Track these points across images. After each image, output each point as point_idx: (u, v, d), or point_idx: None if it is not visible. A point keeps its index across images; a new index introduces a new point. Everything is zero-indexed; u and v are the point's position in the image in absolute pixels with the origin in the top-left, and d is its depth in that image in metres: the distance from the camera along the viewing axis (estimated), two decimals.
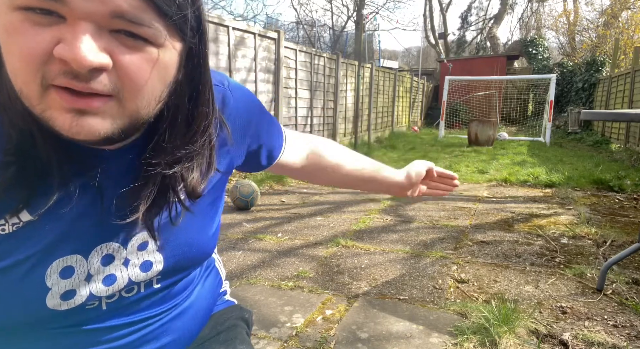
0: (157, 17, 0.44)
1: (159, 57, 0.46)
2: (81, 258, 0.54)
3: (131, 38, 0.44)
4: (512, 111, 15.86)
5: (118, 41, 0.43)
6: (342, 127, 8.89)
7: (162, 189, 0.55)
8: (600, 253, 2.82)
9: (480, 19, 25.44)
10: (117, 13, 0.41)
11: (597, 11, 19.66)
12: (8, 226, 0.50)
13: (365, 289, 2.31)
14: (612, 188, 4.88)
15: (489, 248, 2.97)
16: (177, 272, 0.64)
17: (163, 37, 0.45)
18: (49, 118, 0.44)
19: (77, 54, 0.40)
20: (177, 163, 0.54)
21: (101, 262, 0.56)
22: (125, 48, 0.44)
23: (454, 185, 1.10)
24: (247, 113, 0.72)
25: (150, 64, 0.46)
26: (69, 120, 0.44)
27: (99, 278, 0.56)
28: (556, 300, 2.16)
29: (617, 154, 7.83)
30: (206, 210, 0.66)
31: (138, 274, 0.59)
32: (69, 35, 0.41)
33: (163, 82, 0.49)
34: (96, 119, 0.45)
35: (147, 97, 0.47)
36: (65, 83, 0.42)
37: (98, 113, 0.44)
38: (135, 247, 0.58)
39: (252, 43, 5.56)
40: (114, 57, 0.43)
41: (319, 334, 1.84)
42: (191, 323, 0.71)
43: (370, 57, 19.79)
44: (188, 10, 0.46)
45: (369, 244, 3.05)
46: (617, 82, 10.24)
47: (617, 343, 1.77)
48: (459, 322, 1.93)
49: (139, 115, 0.48)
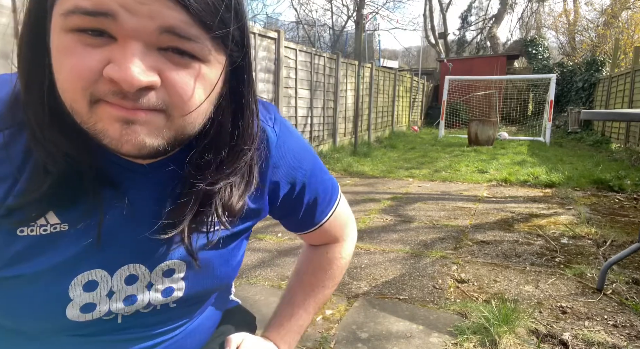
0: (202, 32, 0.44)
1: (205, 72, 0.47)
2: (106, 274, 0.55)
3: (178, 55, 0.44)
4: (512, 111, 15.85)
5: (166, 58, 0.44)
6: (342, 127, 8.89)
7: (203, 205, 0.55)
8: (600, 253, 2.82)
9: (480, 19, 25.44)
10: (165, 28, 0.42)
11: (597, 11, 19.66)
12: (37, 228, 0.51)
13: (365, 289, 2.31)
14: (612, 188, 4.88)
15: (489, 247, 2.97)
16: (195, 299, 0.64)
17: (208, 52, 0.46)
18: (100, 131, 0.45)
19: (127, 74, 0.41)
20: (220, 179, 0.54)
21: (125, 281, 0.56)
22: (173, 65, 0.44)
23: None
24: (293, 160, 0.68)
25: (196, 80, 0.46)
26: (119, 129, 0.44)
27: (120, 297, 0.56)
28: (556, 300, 2.16)
29: (617, 154, 7.83)
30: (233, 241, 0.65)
31: (158, 298, 0.59)
32: (119, 55, 0.42)
33: (209, 98, 0.49)
34: (144, 129, 0.45)
35: (194, 112, 0.48)
36: (114, 101, 0.43)
37: (145, 124, 0.45)
38: (161, 273, 0.58)
39: (252, 43, 5.56)
40: (162, 75, 0.44)
41: (319, 334, 1.84)
42: (204, 335, 0.72)
43: (370, 56, 19.79)
44: (231, 25, 0.46)
45: (369, 244, 3.05)
46: (617, 82, 10.23)
47: (617, 342, 1.77)
48: (459, 322, 1.93)
49: (185, 130, 0.49)
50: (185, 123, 0.48)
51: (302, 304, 0.79)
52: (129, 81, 0.41)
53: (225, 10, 0.45)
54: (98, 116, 0.44)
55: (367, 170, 6.26)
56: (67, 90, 0.44)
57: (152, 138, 0.46)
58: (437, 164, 6.91)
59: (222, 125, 0.54)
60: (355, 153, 7.80)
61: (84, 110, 0.44)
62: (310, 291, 0.80)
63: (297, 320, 0.78)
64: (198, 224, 0.56)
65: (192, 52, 0.45)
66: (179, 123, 0.47)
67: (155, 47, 0.43)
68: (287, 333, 0.77)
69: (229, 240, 0.63)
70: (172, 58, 0.44)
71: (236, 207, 0.57)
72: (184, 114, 0.47)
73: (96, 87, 0.43)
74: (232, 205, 0.56)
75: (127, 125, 0.44)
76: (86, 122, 0.45)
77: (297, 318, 0.78)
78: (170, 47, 0.44)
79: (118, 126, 0.44)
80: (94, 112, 0.44)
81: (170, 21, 0.42)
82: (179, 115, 0.47)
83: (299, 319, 0.78)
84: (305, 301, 0.79)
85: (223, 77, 0.50)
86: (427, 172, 6.15)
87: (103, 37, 0.42)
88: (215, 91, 0.50)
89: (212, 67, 0.47)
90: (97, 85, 0.43)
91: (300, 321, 0.78)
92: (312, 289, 0.80)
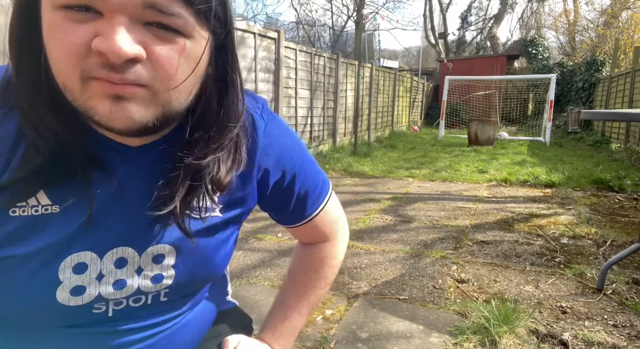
0: (185, 7, 0.46)
1: (190, 48, 0.48)
2: (96, 256, 0.55)
3: (163, 30, 0.46)
4: (512, 111, 15.85)
5: (151, 33, 0.46)
6: (342, 127, 8.89)
7: (193, 181, 0.56)
8: (600, 253, 2.82)
9: (480, 19, 25.44)
10: (148, 3, 0.44)
11: (597, 11, 19.66)
12: (28, 208, 0.52)
13: (365, 289, 2.31)
14: (612, 188, 4.88)
15: (489, 247, 2.97)
16: (186, 289, 0.64)
17: (192, 28, 0.47)
18: (90, 108, 0.46)
19: (114, 45, 0.43)
20: (208, 154, 0.56)
21: (114, 264, 0.57)
22: (157, 40, 0.46)
23: None
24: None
25: (181, 55, 0.48)
26: (109, 106, 0.46)
27: (110, 281, 0.56)
28: (556, 300, 2.16)
29: (617, 154, 7.83)
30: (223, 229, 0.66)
31: (147, 285, 0.59)
32: (106, 28, 0.43)
33: (194, 74, 0.50)
34: (132, 105, 0.47)
35: (179, 87, 0.49)
36: (103, 76, 0.45)
37: (133, 98, 0.47)
38: (150, 258, 0.59)
39: (252, 43, 5.56)
40: (147, 49, 0.46)
41: (319, 334, 1.84)
42: (197, 331, 0.72)
43: (370, 56, 19.79)
44: (213, 1, 0.48)
45: (369, 244, 3.06)
46: (617, 82, 10.24)
47: (617, 342, 1.77)
48: (459, 322, 1.93)
49: (172, 106, 0.50)
50: (172, 99, 0.49)
51: (295, 306, 0.79)
52: (115, 52, 0.43)
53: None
54: (89, 93, 0.46)
55: (367, 170, 6.26)
56: (59, 67, 0.46)
57: (141, 113, 0.48)
58: (437, 164, 6.91)
59: (208, 102, 0.55)
60: (355, 153, 7.80)
61: (75, 87, 0.46)
62: (303, 292, 0.80)
63: (291, 322, 0.78)
64: (189, 202, 0.57)
65: (176, 27, 0.46)
66: (165, 98, 0.49)
67: (141, 22, 0.45)
68: (282, 335, 0.77)
69: (220, 228, 0.64)
70: (157, 33, 0.46)
71: (224, 181, 0.58)
72: (170, 89, 0.48)
73: (86, 62, 0.44)
74: (220, 179, 0.58)
75: (116, 101, 0.46)
76: (77, 99, 0.46)
77: (291, 320, 0.78)
78: (154, 22, 0.45)
79: (108, 103, 0.46)
80: (85, 90, 0.45)
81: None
82: (164, 89, 0.48)
83: (292, 321, 0.78)
84: (299, 303, 0.79)
85: (207, 54, 0.51)
86: (427, 172, 6.15)
87: (89, 12, 0.44)
88: (200, 67, 0.51)
89: (196, 42, 0.49)
90: (86, 60, 0.44)
91: (293, 322, 0.78)
92: (305, 290, 0.81)
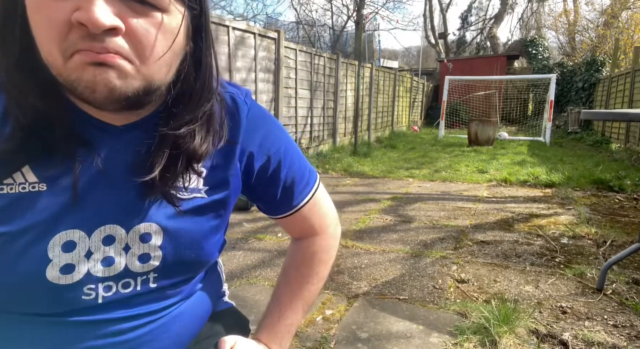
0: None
1: (166, 22, 0.51)
2: (84, 234, 0.56)
3: (139, 4, 0.49)
4: (512, 111, 15.84)
5: (128, 7, 0.48)
6: (342, 127, 8.89)
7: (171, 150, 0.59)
8: (600, 253, 2.82)
9: (480, 19, 25.43)
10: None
11: (597, 11, 19.66)
12: (15, 186, 0.53)
13: (365, 289, 2.31)
14: (612, 188, 4.88)
15: (489, 248, 2.97)
16: (174, 274, 0.64)
17: (168, 2, 0.50)
18: (74, 79, 0.48)
19: (92, 16, 0.45)
20: (182, 126, 0.58)
21: (102, 241, 0.58)
22: (134, 13, 0.49)
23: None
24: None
25: (157, 28, 0.50)
26: (92, 72, 0.48)
27: (98, 257, 0.57)
28: (556, 300, 2.16)
29: (617, 154, 7.83)
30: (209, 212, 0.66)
31: (135, 264, 0.60)
32: (85, 2, 0.46)
33: (172, 49, 0.53)
34: (114, 73, 0.49)
35: (157, 61, 0.51)
36: (84, 47, 0.47)
37: (115, 67, 0.48)
38: (138, 236, 0.59)
39: (252, 43, 5.56)
40: (125, 21, 0.48)
41: (319, 334, 1.84)
42: (190, 325, 0.71)
43: (370, 57, 19.79)
44: None
45: (369, 244, 3.06)
46: (617, 82, 10.24)
47: (617, 342, 1.77)
48: (459, 322, 1.93)
49: (153, 79, 0.52)
50: (152, 72, 0.52)
51: (290, 305, 0.79)
52: (93, 22, 0.45)
53: None
54: (72, 67, 0.48)
55: (367, 170, 6.26)
56: (43, 43, 0.48)
57: (122, 82, 0.49)
58: (437, 164, 6.91)
59: (185, 78, 0.58)
60: (355, 153, 7.80)
61: (59, 62, 0.48)
62: (296, 288, 0.80)
63: (286, 320, 0.78)
64: (171, 174, 0.59)
65: (152, 1, 0.49)
66: (145, 71, 0.51)
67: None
68: (277, 334, 0.77)
69: (206, 209, 0.65)
70: (134, 7, 0.48)
71: (199, 150, 0.60)
72: (149, 62, 0.51)
73: (69, 37, 0.47)
74: (195, 148, 0.60)
75: (98, 67, 0.48)
76: (62, 74, 0.48)
77: (286, 318, 0.78)
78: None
79: (91, 69, 0.48)
80: (69, 64, 0.48)
81: None
82: (143, 62, 0.50)
83: (287, 319, 0.78)
84: (292, 301, 0.79)
85: (184, 30, 0.54)
86: (427, 172, 6.15)
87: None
88: (178, 42, 0.53)
89: (173, 16, 0.51)
90: (69, 35, 0.47)
91: (288, 320, 0.78)
92: (298, 286, 0.80)
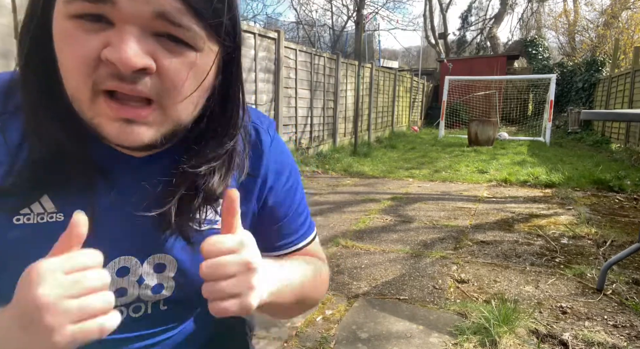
0: (195, 20, 0.46)
1: (198, 61, 0.48)
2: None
3: (173, 42, 0.46)
4: (512, 111, 15.84)
5: (160, 45, 0.46)
6: (342, 127, 8.89)
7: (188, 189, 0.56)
8: (600, 253, 2.82)
9: (481, 19, 25.42)
10: (159, 13, 0.44)
11: (597, 11, 19.65)
12: (33, 216, 0.52)
13: (365, 289, 2.31)
14: (612, 188, 4.88)
15: (489, 248, 2.97)
16: (185, 302, 0.64)
17: (202, 41, 0.47)
18: (97, 125, 0.46)
19: (123, 55, 0.43)
20: (203, 164, 0.56)
21: (116, 273, 0.56)
22: (167, 52, 0.46)
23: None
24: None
25: (189, 68, 0.48)
26: (117, 128, 0.46)
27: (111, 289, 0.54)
28: (556, 300, 2.16)
29: (617, 154, 7.83)
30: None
31: (147, 294, 0.59)
32: (116, 39, 0.43)
33: (202, 87, 0.50)
34: (142, 128, 0.47)
35: (186, 101, 0.49)
36: (112, 87, 0.45)
37: (144, 123, 0.47)
38: (152, 266, 0.58)
39: (252, 43, 5.56)
40: (157, 60, 0.46)
41: (319, 334, 1.84)
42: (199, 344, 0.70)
43: (370, 57, 19.79)
44: (224, 15, 0.48)
45: (369, 244, 3.05)
46: (617, 82, 10.24)
47: (617, 343, 1.77)
48: (459, 322, 1.93)
49: (180, 120, 0.51)
50: (180, 113, 0.50)
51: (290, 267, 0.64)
52: (124, 62, 0.43)
53: (217, 0, 0.47)
54: (97, 110, 0.46)
55: (367, 170, 6.26)
56: (70, 77, 0.46)
57: (150, 134, 0.48)
58: (437, 164, 6.91)
59: (212, 114, 0.56)
60: (355, 153, 7.80)
61: (85, 99, 0.46)
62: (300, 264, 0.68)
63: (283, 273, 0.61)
64: (187, 210, 0.57)
65: (185, 39, 0.46)
66: (173, 113, 0.49)
67: (151, 33, 0.45)
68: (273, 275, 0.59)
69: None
70: (167, 45, 0.46)
71: (217, 190, 0.58)
72: (177, 102, 0.48)
73: (97, 74, 0.44)
74: (213, 186, 0.57)
75: (125, 124, 0.46)
76: (86, 113, 0.46)
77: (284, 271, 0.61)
78: (165, 34, 0.45)
79: (117, 125, 0.46)
80: (94, 105, 0.46)
81: (164, 7, 0.44)
82: (172, 103, 0.48)
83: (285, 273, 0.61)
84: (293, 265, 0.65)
85: (216, 67, 0.51)
86: (427, 172, 6.15)
87: (101, 22, 0.44)
88: (208, 80, 0.51)
89: (205, 56, 0.49)
90: (97, 72, 0.44)
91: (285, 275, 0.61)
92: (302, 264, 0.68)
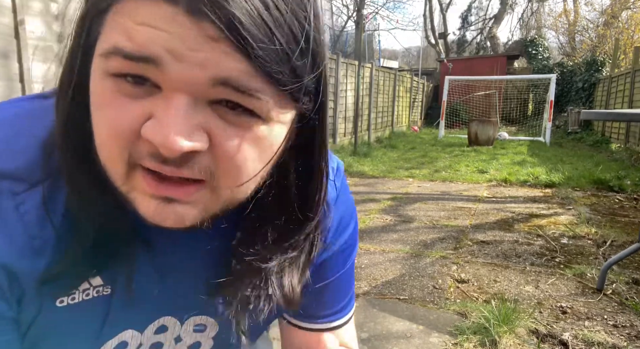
0: (267, 85, 0.35)
1: (265, 134, 0.38)
2: (137, 333, 0.51)
3: (233, 111, 0.36)
4: (512, 111, 15.84)
5: (217, 115, 0.36)
6: (342, 127, 8.89)
7: (254, 283, 0.47)
8: (600, 253, 2.82)
9: (480, 19, 25.43)
10: (219, 79, 0.34)
11: (597, 11, 19.68)
12: (79, 294, 0.45)
13: (365, 289, 2.31)
14: (612, 188, 4.88)
15: (489, 248, 2.97)
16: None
17: (272, 109, 0.37)
18: (132, 200, 0.39)
19: (167, 137, 0.34)
20: (276, 255, 0.46)
21: (154, 332, 0.53)
22: (225, 123, 0.36)
23: None
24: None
25: (253, 143, 0.38)
26: (154, 207, 0.38)
27: (147, 345, 0.53)
28: (556, 300, 2.16)
29: (617, 154, 7.83)
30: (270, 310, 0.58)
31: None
32: (161, 110, 0.34)
33: (266, 162, 0.40)
34: (185, 208, 0.39)
35: (245, 180, 0.40)
36: (153, 167, 0.36)
37: (186, 203, 0.38)
38: (192, 326, 0.55)
39: None
40: (211, 135, 0.36)
41: None
42: None
43: (370, 57, 19.80)
44: (306, 76, 0.37)
45: (369, 244, 3.05)
46: (617, 82, 10.24)
47: (617, 342, 1.77)
48: (459, 322, 1.93)
49: (234, 201, 0.41)
50: (234, 194, 0.40)
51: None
52: (168, 146, 0.34)
53: (299, 56, 0.36)
54: (132, 185, 0.38)
55: (367, 170, 6.26)
56: (104, 147, 0.38)
57: (193, 215, 0.39)
58: (437, 164, 6.91)
59: (284, 188, 0.45)
60: (355, 153, 7.79)
61: (119, 172, 0.38)
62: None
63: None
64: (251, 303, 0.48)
65: (251, 108, 0.36)
66: (227, 195, 0.40)
67: (206, 100, 0.35)
68: None
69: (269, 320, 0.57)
70: (225, 115, 0.36)
71: (296, 290, 0.48)
72: (234, 183, 0.39)
73: (135, 147, 0.36)
74: (292, 287, 0.48)
75: (164, 203, 0.38)
76: (120, 186, 0.39)
77: None
78: (223, 100, 0.35)
79: (154, 203, 0.38)
80: (129, 178, 0.38)
81: (226, 72, 0.33)
82: (227, 186, 0.39)
83: None
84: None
85: (287, 135, 0.41)
86: (427, 172, 6.15)
87: (145, 85, 0.35)
88: (277, 154, 0.41)
89: (274, 126, 0.38)
90: (136, 145, 0.36)
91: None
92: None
